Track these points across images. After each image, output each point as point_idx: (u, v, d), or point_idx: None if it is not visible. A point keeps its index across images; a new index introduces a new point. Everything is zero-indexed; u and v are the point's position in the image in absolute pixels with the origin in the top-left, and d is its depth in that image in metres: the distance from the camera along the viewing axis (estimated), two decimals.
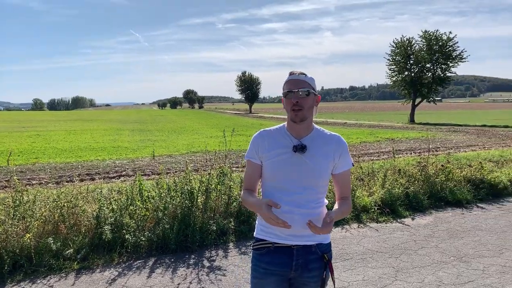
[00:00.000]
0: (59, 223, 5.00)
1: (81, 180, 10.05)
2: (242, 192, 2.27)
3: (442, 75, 39.27)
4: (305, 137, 2.13)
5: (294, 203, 2.10)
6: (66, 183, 8.65)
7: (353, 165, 2.30)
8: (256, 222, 2.27)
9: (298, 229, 2.06)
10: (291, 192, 2.10)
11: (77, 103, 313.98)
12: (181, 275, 4.41)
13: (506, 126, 29.77)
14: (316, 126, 2.20)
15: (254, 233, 2.26)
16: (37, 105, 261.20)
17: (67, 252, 4.66)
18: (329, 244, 2.22)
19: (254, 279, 2.22)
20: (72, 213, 5.13)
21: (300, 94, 2.06)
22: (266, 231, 2.16)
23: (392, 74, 41.47)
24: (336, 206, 2.22)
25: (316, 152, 2.11)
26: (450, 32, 37.99)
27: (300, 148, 2.10)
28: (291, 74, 2.13)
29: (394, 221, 6.38)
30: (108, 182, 9.45)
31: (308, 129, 2.14)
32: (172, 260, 4.82)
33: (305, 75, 2.12)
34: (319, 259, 2.14)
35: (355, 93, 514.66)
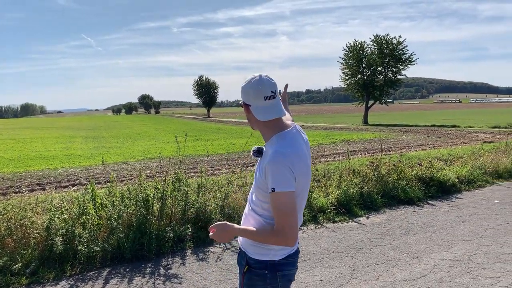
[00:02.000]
0: (5, 237, 4.75)
1: (31, 191, 9.64)
2: None
3: (393, 77, 40.62)
4: (266, 144, 2.07)
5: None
6: (14, 194, 8.27)
7: (273, 191, 1.86)
8: None
9: None
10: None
11: (27, 110, 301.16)
12: (137, 284, 4.30)
13: (454, 126, 31.16)
14: (280, 135, 2.01)
15: None
16: None
17: (14, 267, 4.44)
18: (257, 261, 2.08)
19: None
20: (20, 225, 4.89)
21: None
22: None
23: (346, 77, 42.47)
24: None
25: (261, 161, 2.04)
26: (400, 36, 39.38)
27: (254, 152, 2.09)
28: None
29: (350, 220, 6.52)
30: (60, 192, 9.10)
31: (264, 135, 2.07)
32: (128, 269, 4.69)
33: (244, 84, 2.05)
34: (244, 266, 2.15)
35: (311, 96, 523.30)
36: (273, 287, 2.06)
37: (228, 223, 2.07)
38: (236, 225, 2.07)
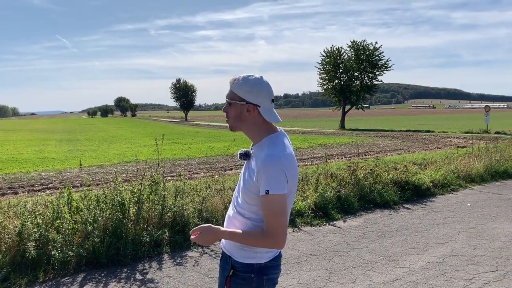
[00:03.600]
0: None
1: (3, 195, 9.37)
2: None
3: (369, 83, 41.26)
4: (254, 146, 2.05)
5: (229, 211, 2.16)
6: None
7: (267, 193, 1.86)
8: None
9: None
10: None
11: None
12: None
13: (428, 131, 31.77)
14: (271, 138, 2.02)
15: None
16: None
17: None
18: (244, 265, 2.04)
19: None
20: None
21: (226, 103, 2.05)
22: None
23: (323, 82, 42.88)
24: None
25: (249, 164, 2.03)
26: (376, 42, 40.07)
27: (241, 155, 2.08)
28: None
29: (327, 224, 6.57)
30: (33, 196, 8.88)
31: (254, 138, 2.05)
32: (103, 275, 4.61)
33: (235, 80, 2.01)
34: (228, 270, 2.09)
35: (289, 101, 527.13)
36: None
37: (213, 225, 2.06)
38: (221, 228, 2.05)
